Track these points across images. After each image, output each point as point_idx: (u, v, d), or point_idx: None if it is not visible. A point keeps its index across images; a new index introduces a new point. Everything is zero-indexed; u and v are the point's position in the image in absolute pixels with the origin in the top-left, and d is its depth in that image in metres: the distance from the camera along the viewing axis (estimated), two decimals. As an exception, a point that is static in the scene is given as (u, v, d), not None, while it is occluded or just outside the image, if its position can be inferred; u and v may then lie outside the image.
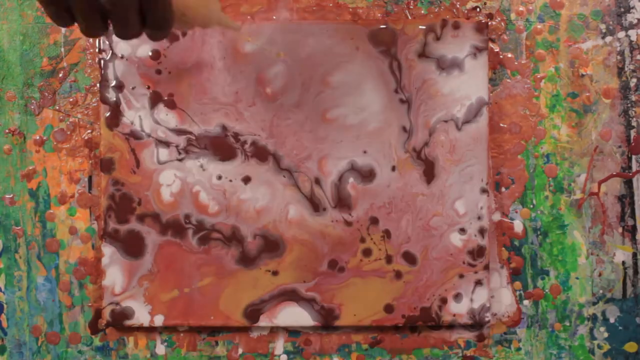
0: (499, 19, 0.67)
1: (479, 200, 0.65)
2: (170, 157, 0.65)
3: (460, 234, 0.65)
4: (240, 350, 0.67)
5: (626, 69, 0.67)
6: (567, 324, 0.67)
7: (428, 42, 0.65)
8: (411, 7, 0.67)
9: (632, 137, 0.67)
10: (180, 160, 0.66)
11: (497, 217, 0.67)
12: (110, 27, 0.51)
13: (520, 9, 0.67)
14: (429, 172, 0.65)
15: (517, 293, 0.67)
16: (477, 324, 0.66)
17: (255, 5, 0.67)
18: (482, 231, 0.65)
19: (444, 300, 0.65)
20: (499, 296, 0.67)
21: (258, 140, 0.66)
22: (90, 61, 0.67)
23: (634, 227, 0.67)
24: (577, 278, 0.67)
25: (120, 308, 0.65)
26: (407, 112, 0.65)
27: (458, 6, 0.67)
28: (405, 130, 0.65)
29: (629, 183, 0.67)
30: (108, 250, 0.65)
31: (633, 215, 0.67)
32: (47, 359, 0.67)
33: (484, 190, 0.65)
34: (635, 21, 0.67)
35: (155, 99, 0.65)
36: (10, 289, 0.66)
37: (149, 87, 0.65)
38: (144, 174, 0.65)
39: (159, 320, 0.65)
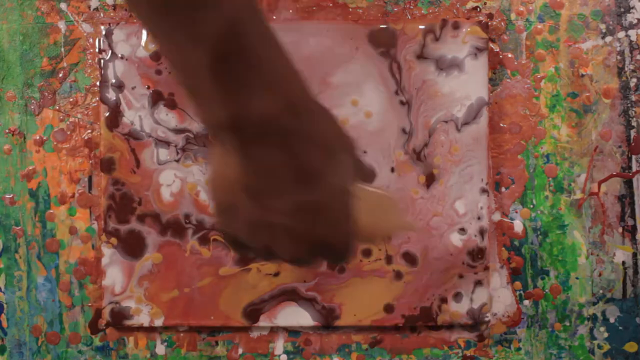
0: (499, 19, 0.67)
1: (479, 200, 0.65)
2: (170, 157, 0.65)
3: (460, 234, 0.65)
4: (240, 350, 0.67)
5: (626, 69, 0.67)
6: (567, 324, 0.67)
7: (427, 43, 0.65)
8: (411, 7, 0.67)
9: (632, 137, 0.67)
10: (179, 160, 0.65)
11: (497, 217, 0.67)
12: None
13: (520, 9, 0.67)
14: (429, 173, 0.65)
15: (517, 293, 0.67)
16: (477, 324, 0.66)
17: (255, 5, 0.67)
18: (482, 231, 0.65)
19: (444, 300, 0.65)
20: (499, 296, 0.67)
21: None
22: (90, 61, 0.67)
23: (634, 227, 0.67)
24: (577, 278, 0.67)
25: (120, 308, 0.65)
26: (408, 113, 0.65)
27: (458, 6, 0.67)
28: (405, 132, 0.65)
29: (629, 183, 0.67)
30: (108, 250, 0.65)
31: (633, 215, 0.67)
32: (47, 359, 0.67)
33: (484, 190, 0.65)
34: (635, 21, 0.67)
35: (155, 99, 0.65)
36: (10, 289, 0.66)
37: (149, 87, 0.65)
38: (144, 174, 0.65)
39: (159, 320, 0.65)
